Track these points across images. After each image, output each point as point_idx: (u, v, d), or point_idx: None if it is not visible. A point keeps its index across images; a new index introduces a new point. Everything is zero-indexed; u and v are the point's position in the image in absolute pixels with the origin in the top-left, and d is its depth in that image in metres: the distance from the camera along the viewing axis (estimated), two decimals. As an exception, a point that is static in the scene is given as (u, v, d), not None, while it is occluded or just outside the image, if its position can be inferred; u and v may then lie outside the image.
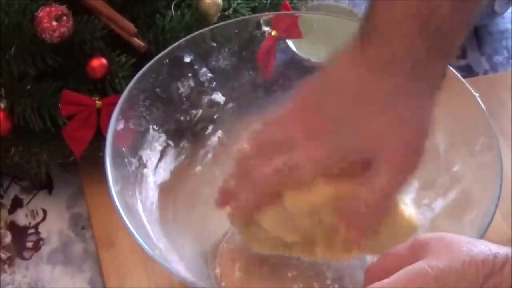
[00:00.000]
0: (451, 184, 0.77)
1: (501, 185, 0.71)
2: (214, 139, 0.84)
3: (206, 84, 0.82)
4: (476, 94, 0.77)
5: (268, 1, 0.92)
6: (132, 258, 0.84)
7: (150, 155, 0.78)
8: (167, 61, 0.79)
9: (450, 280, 0.55)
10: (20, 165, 0.87)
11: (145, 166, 0.77)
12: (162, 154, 0.79)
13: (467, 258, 0.56)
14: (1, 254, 0.86)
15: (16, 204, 0.90)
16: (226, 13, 0.90)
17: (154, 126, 0.79)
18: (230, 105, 0.84)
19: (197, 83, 0.82)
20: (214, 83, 0.83)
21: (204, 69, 0.82)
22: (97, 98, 0.84)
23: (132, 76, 0.84)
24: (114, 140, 0.73)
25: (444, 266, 0.55)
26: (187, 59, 0.81)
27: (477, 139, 0.76)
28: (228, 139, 0.84)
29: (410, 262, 0.57)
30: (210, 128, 0.84)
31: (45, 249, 0.87)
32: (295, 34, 0.87)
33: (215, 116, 0.84)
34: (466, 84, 0.78)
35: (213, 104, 0.83)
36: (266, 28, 0.85)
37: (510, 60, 1.07)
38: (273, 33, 0.85)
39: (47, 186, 0.91)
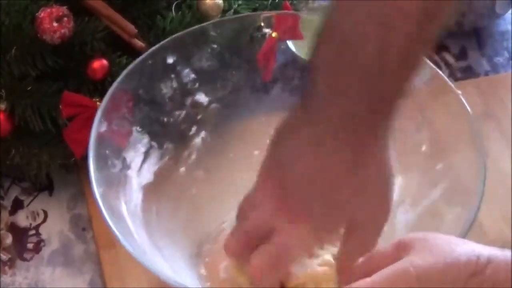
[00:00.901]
0: (435, 182, 0.77)
1: (485, 182, 0.71)
2: (198, 140, 0.84)
3: (189, 85, 0.82)
4: (459, 92, 0.77)
5: (269, 2, 0.92)
6: (133, 259, 0.83)
7: (134, 157, 0.78)
8: (150, 62, 0.79)
9: (432, 280, 0.56)
10: (21, 166, 0.87)
11: (129, 167, 0.77)
12: (146, 155, 0.79)
13: (450, 258, 0.56)
14: (2, 255, 0.86)
15: (17, 205, 0.90)
16: (227, 14, 0.90)
17: (138, 128, 0.79)
18: (214, 105, 0.84)
19: (180, 84, 0.82)
20: (197, 83, 0.83)
21: (187, 70, 0.82)
22: (97, 99, 0.84)
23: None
24: (97, 142, 0.73)
25: (427, 265, 0.56)
26: (170, 60, 0.81)
27: (460, 136, 0.76)
28: (212, 140, 0.84)
29: (395, 261, 0.57)
30: (194, 129, 0.83)
31: (45, 251, 0.87)
32: (296, 35, 0.87)
33: (199, 117, 0.83)
34: (449, 82, 0.78)
35: (197, 104, 0.83)
36: (266, 30, 0.85)
37: (511, 61, 1.07)
38: (274, 34, 0.85)
39: (48, 187, 0.91)
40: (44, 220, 0.89)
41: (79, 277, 0.85)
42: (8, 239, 0.87)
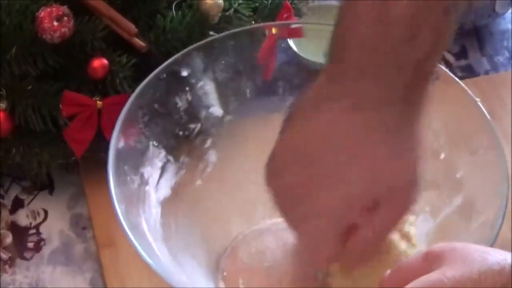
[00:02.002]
0: (455, 190, 0.76)
1: (509, 188, 0.70)
2: (213, 153, 0.83)
3: (203, 98, 0.82)
4: (477, 99, 0.77)
5: (269, 2, 0.92)
6: (133, 258, 0.83)
7: (152, 172, 0.77)
8: (164, 76, 0.79)
9: None
10: (21, 166, 0.87)
11: (147, 183, 0.77)
12: (163, 170, 0.79)
13: (483, 267, 0.55)
14: (2, 254, 0.86)
15: (17, 204, 0.90)
16: (227, 13, 0.90)
17: (154, 142, 0.78)
18: (228, 117, 0.83)
19: (195, 97, 0.81)
20: (212, 96, 0.83)
21: (201, 83, 0.82)
22: (98, 99, 0.84)
23: (133, 77, 0.85)
24: (116, 159, 0.72)
25: (460, 275, 0.55)
26: (184, 73, 0.80)
27: (480, 143, 0.76)
28: (227, 152, 0.83)
29: (424, 273, 0.56)
30: (209, 141, 0.83)
31: (46, 250, 0.87)
32: (297, 33, 0.87)
33: (213, 130, 0.83)
34: (465, 87, 0.77)
35: (211, 117, 0.83)
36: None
37: (511, 60, 1.07)
38: (274, 32, 0.85)
39: (48, 186, 0.91)
40: (45, 219, 0.89)
41: (80, 276, 0.85)
42: (9, 238, 0.88)
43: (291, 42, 0.92)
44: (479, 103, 0.76)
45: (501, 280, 0.55)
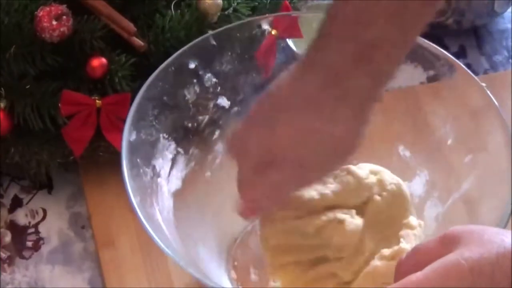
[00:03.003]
0: (465, 175, 0.77)
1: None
2: (221, 144, 0.83)
3: (211, 89, 0.82)
4: (483, 84, 0.77)
5: (268, 1, 0.93)
6: (132, 258, 0.84)
7: (163, 164, 0.78)
8: (173, 68, 0.79)
9: (485, 271, 0.54)
10: (20, 165, 0.87)
11: (158, 175, 0.77)
12: (173, 162, 0.79)
13: (501, 249, 0.55)
14: (1, 253, 0.86)
15: (16, 203, 0.90)
16: (226, 12, 0.90)
17: (164, 135, 0.79)
18: (236, 109, 0.84)
19: (202, 88, 0.82)
20: (219, 87, 0.83)
21: (209, 75, 0.82)
22: (97, 98, 0.84)
23: (132, 76, 0.85)
24: (128, 151, 0.73)
25: (478, 257, 0.55)
26: (192, 65, 0.81)
27: (487, 128, 0.76)
28: None
29: (441, 255, 0.56)
30: (217, 133, 0.83)
31: (45, 249, 0.87)
32: (296, 33, 0.87)
33: (221, 121, 0.83)
34: (472, 74, 0.79)
35: (219, 108, 0.83)
36: (266, 27, 0.85)
37: (510, 60, 1.07)
38: (273, 32, 0.85)
39: (47, 185, 0.91)
40: (43, 218, 0.89)
41: (79, 275, 0.85)
42: (8, 237, 0.88)
43: (289, 41, 0.93)
44: (485, 88, 0.77)
45: None
